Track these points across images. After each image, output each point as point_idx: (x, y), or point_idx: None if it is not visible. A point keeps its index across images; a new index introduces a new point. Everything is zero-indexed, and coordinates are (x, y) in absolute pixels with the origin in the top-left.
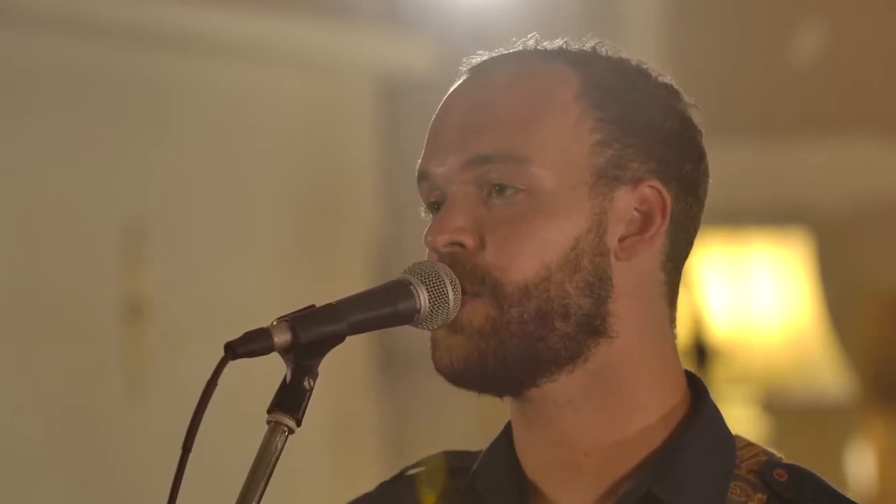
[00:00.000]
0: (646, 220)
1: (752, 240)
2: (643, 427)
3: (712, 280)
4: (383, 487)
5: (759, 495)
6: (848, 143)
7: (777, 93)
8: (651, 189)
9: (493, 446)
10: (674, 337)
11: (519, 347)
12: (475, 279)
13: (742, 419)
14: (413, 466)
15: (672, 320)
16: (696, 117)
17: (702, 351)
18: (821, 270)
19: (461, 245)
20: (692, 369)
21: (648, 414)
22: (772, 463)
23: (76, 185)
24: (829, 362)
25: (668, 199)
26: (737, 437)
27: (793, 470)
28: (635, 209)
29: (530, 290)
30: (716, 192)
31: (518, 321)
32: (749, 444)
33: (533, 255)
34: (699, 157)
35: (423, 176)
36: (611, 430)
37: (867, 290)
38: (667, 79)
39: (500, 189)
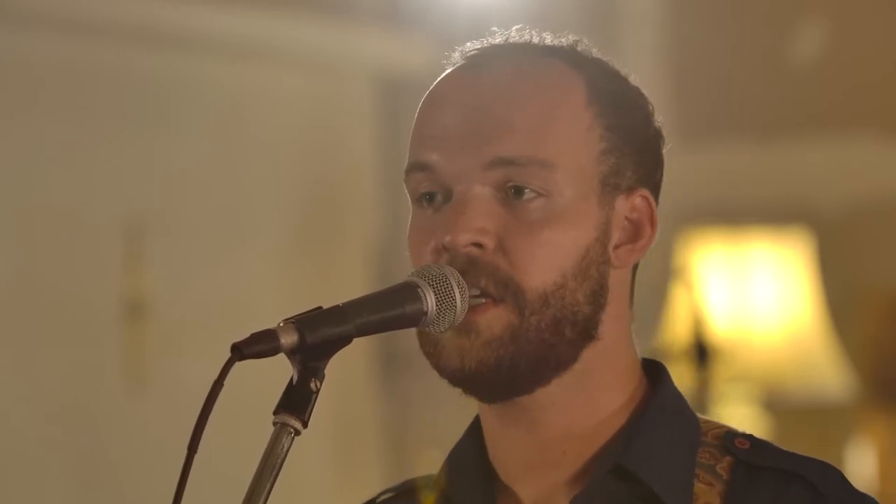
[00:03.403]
0: (636, 228)
1: (753, 239)
2: (609, 414)
3: (712, 279)
4: None
5: (727, 458)
6: (848, 142)
7: (777, 93)
8: (641, 198)
9: (459, 449)
10: (631, 330)
11: (532, 354)
12: (498, 282)
13: (742, 418)
14: (384, 493)
15: (631, 314)
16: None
17: (702, 350)
18: (821, 269)
19: (479, 246)
20: (692, 369)
21: (614, 403)
22: (732, 433)
23: (76, 185)
24: (830, 361)
25: (655, 207)
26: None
27: (752, 438)
28: (626, 217)
29: (549, 298)
30: (716, 191)
31: (536, 328)
32: (708, 420)
33: (551, 262)
34: (663, 162)
35: (420, 167)
36: (584, 424)
37: (867, 290)
38: (636, 80)
39: (518, 191)
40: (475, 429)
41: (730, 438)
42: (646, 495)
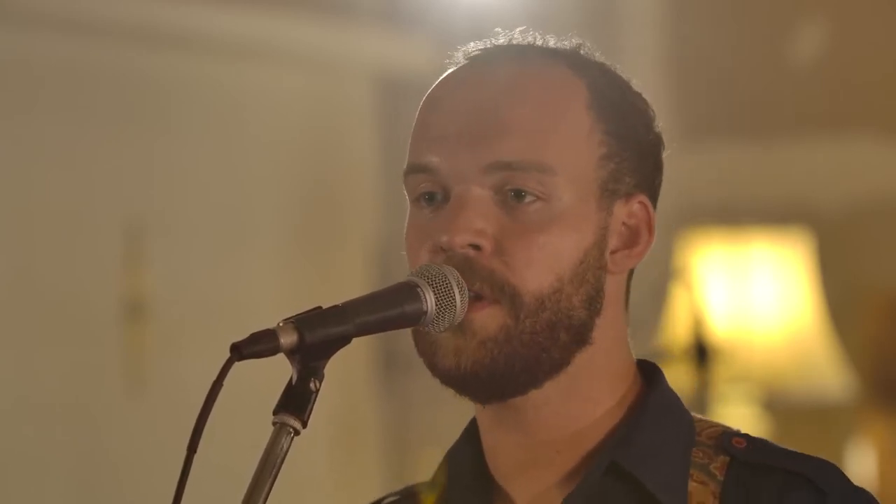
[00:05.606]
0: (632, 234)
1: (753, 239)
2: (602, 414)
3: (712, 280)
4: None
5: (721, 457)
6: (848, 142)
7: (777, 92)
8: (640, 204)
9: (455, 450)
10: (626, 335)
11: (527, 357)
12: (494, 285)
13: (742, 418)
14: (388, 497)
15: (626, 319)
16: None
17: (702, 350)
18: (821, 270)
19: (476, 247)
20: (692, 369)
21: (607, 404)
22: (729, 433)
23: (76, 185)
24: (830, 361)
25: (653, 213)
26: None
27: (749, 438)
28: (623, 223)
29: (545, 302)
30: (716, 191)
31: (530, 331)
32: (703, 419)
33: (549, 266)
34: (662, 168)
35: (420, 168)
36: (578, 425)
37: (867, 290)
38: (638, 85)
39: (518, 194)
40: (471, 430)
41: (727, 438)
42: (640, 493)
